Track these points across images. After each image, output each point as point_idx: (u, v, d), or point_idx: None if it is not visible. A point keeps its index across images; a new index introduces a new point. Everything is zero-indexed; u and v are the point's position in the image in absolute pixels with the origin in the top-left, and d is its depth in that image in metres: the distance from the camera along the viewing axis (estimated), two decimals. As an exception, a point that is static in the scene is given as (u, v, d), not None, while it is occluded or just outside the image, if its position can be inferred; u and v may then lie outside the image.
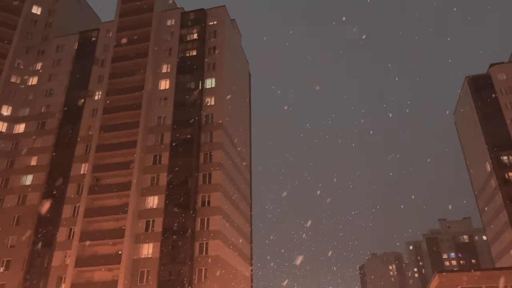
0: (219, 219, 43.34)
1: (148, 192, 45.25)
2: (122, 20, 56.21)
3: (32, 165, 50.19)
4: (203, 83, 51.08)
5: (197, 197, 44.47)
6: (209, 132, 48.22)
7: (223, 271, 41.87)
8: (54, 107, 53.35)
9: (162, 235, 42.24)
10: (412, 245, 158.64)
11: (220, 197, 44.50)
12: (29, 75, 56.63)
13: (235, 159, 51.58)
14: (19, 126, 53.41)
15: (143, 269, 41.30)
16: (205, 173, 45.86)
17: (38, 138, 51.88)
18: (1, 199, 48.67)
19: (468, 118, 62.01)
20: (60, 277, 42.49)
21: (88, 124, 50.85)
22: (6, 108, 53.69)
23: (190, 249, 41.36)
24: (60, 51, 57.82)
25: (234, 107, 54.70)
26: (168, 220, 42.99)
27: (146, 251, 42.26)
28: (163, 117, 49.51)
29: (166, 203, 43.93)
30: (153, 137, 48.62)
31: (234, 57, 58.15)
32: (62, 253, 43.59)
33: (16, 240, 46.00)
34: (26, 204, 47.70)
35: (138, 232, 43.17)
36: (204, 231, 42.80)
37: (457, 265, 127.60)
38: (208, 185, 45.14)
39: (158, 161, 46.95)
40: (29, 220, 46.48)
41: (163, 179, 45.54)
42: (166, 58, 53.33)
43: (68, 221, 45.19)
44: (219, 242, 42.31)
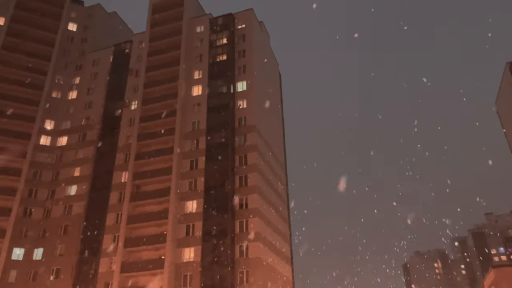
0: (258, 221, 43.42)
1: (186, 197, 45.99)
2: (153, 30, 57.59)
3: (76, 175, 52.21)
4: (235, 87, 51.47)
5: (234, 200, 44.78)
6: (243, 134, 48.48)
7: (264, 273, 41.90)
8: (94, 119, 55.32)
9: (202, 239, 42.80)
10: (458, 241, 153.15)
11: (257, 198, 44.61)
12: (69, 89, 58.99)
13: (270, 160, 51.57)
14: (62, 139, 55.71)
15: (186, 273, 41.96)
16: (241, 176, 46.13)
17: (80, 149, 53.93)
18: (49, 210, 50.88)
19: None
20: (107, 283, 43.87)
21: (126, 134, 52.34)
22: (49, 123, 56.14)
23: (231, 252, 41.65)
24: (96, 64, 59.94)
25: (266, 108, 54.75)
26: (207, 223, 43.51)
27: (188, 255, 42.93)
28: (198, 123, 50.26)
29: (204, 207, 44.49)
30: (188, 142, 49.45)
31: (264, 59, 58.26)
32: (108, 260, 45.00)
33: (65, 248, 47.94)
34: (72, 213, 49.65)
35: (179, 236, 43.94)
36: (243, 233, 43.00)
37: (507, 260, 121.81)
38: (244, 188, 45.36)
39: (194, 166, 47.66)
40: (76, 229, 48.33)
41: (200, 183, 46.18)
42: (197, 64, 54.16)
43: (112, 228, 46.62)
44: (259, 244, 42.38)
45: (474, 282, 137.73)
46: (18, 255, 47.84)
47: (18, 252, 47.96)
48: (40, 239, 49.13)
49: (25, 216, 49.89)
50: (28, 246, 48.36)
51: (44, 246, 48.48)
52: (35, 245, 48.68)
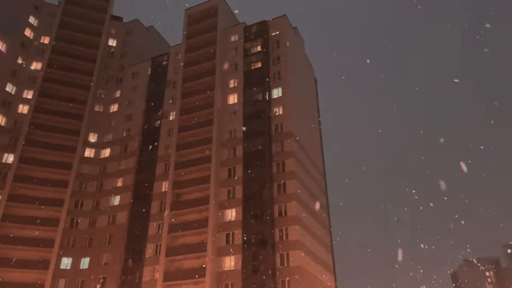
0: (298, 229, 42.75)
1: (225, 205, 46.08)
2: (189, 41, 58.67)
3: (119, 186, 53.71)
4: (270, 94, 51.34)
5: (273, 208, 44.38)
6: (280, 141, 48.13)
7: (306, 281, 41.08)
8: (134, 131, 56.85)
9: (242, 247, 42.61)
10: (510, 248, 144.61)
11: (296, 206, 43.97)
12: (110, 103, 61.05)
13: (308, 166, 50.85)
14: (105, 151, 57.58)
15: (227, 281, 41.87)
16: (279, 183, 45.72)
17: (122, 160, 55.49)
18: (94, 220, 52.53)
19: None
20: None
21: (166, 144, 53.35)
22: (92, 136, 58.24)
23: (272, 261, 41.19)
24: (135, 77, 61.75)
25: (302, 114, 54.24)
26: (247, 232, 43.33)
27: (229, 264, 42.84)
28: (234, 131, 50.44)
29: (243, 215, 44.39)
30: (226, 151, 49.68)
31: (299, 65, 57.87)
32: (151, 268, 45.73)
33: (110, 257, 49.21)
34: (116, 223, 51.00)
35: (219, 245, 43.99)
36: (283, 241, 42.44)
37: None
38: (283, 195, 44.88)
39: (232, 174, 47.75)
40: (120, 238, 49.56)
41: (238, 191, 46.16)
42: (232, 73, 54.55)
43: (154, 237, 47.41)
44: (300, 252, 41.65)
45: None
46: (66, 264, 49.58)
47: (66, 261, 49.72)
48: (86, 248, 50.74)
49: (72, 226, 51.73)
50: (75, 256, 50.06)
51: (90, 256, 50.01)
52: (82, 255, 50.31)
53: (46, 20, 62.50)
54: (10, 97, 55.25)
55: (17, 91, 56.21)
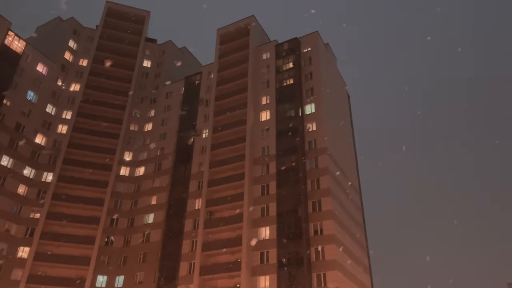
0: (335, 248, 41.29)
1: (259, 223, 45.28)
2: (222, 60, 59.28)
3: (153, 204, 54.04)
4: (303, 110, 50.75)
5: (308, 226, 43.19)
6: (314, 158, 47.19)
7: (344, 303, 39.35)
8: (168, 149, 57.42)
9: (277, 266, 41.48)
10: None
11: (333, 224, 42.60)
12: (145, 122, 62.18)
13: (343, 183, 49.51)
14: (139, 169, 58.34)
15: (262, 302, 40.71)
16: (314, 201, 44.56)
17: (156, 178, 55.99)
18: (129, 238, 52.86)
19: None
20: (185, 311, 43.86)
21: (199, 161, 53.45)
22: (128, 154, 59.24)
23: (308, 281, 39.79)
24: (169, 97, 62.79)
25: (336, 130, 53.20)
26: (282, 251, 42.22)
27: (264, 284, 41.74)
28: (267, 147, 49.96)
29: (278, 233, 43.39)
30: (259, 168, 49.15)
31: (331, 80, 57.15)
32: (184, 287, 45.16)
33: (144, 276, 49.14)
34: (150, 241, 51.08)
35: (253, 264, 43.06)
36: (319, 261, 41.04)
37: None
38: (318, 213, 43.66)
39: (266, 191, 47.05)
40: (154, 256, 49.51)
41: (272, 209, 45.32)
42: (264, 90, 54.45)
43: (188, 255, 47.00)
44: (337, 272, 40.09)
45: None
46: (102, 282, 49.87)
47: (101, 279, 50.03)
48: (121, 266, 50.95)
49: (107, 244, 52.23)
50: (110, 274, 50.33)
51: (125, 274, 50.14)
52: (117, 273, 50.53)
53: (85, 43, 64.92)
54: (50, 118, 57.20)
55: (56, 112, 58.16)
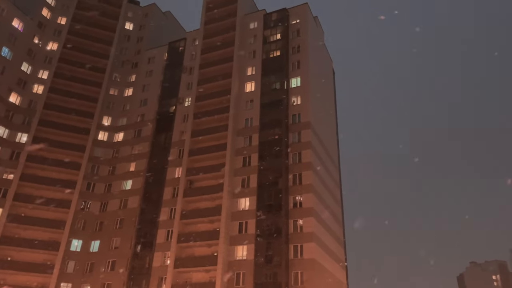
0: (313, 221, 41.92)
1: (239, 194, 45.34)
2: (207, 27, 57.70)
3: (131, 170, 53.21)
4: (288, 83, 50.30)
5: (288, 198, 43.57)
6: (297, 132, 47.18)
7: (318, 274, 40.31)
8: (149, 116, 56.19)
9: (255, 237, 41.90)
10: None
11: (312, 198, 43.10)
12: (125, 87, 60.44)
13: (324, 158, 49.89)
14: (118, 135, 57.06)
15: (239, 271, 41.21)
16: (295, 174, 44.81)
17: (135, 145, 54.97)
18: (106, 204, 52.16)
19: None
20: (161, 277, 44.06)
21: (180, 130, 52.64)
22: (106, 119, 57.71)
23: (285, 252, 40.44)
24: (151, 62, 60.99)
25: (320, 105, 53.19)
26: (260, 222, 42.58)
27: (241, 253, 42.19)
28: (250, 119, 49.55)
29: (257, 204, 43.62)
30: (241, 139, 48.85)
31: (318, 55, 56.70)
32: (161, 254, 45.25)
33: (120, 242, 48.82)
34: (128, 207, 50.56)
35: (232, 234, 43.33)
36: (297, 233, 41.67)
37: None
38: (299, 186, 44.02)
39: (247, 163, 46.94)
40: (131, 222, 49.12)
41: (253, 180, 45.37)
42: (250, 60, 53.55)
43: (166, 223, 46.87)
44: (314, 245, 40.85)
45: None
46: (76, 247, 49.34)
47: (76, 243, 49.46)
48: (97, 232, 50.42)
49: (83, 209, 51.41)
50: (85, 238, 49.80)
51: (101, 239, 49.68)
52: (92, 238, 50.02)
53: (64, 0, 61.77)
54: (25, 76, 54.76)
55: (32, 71, 55.68)
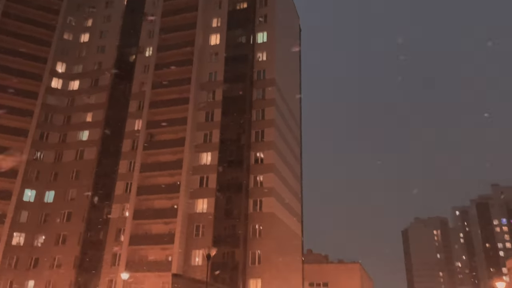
0: (273, 177, 42.81)
1: (201, 149, 45.21)
2: (171, -28, 54.46)
3: (88, 121, 51.24)
4: (255, 38, 49.29)
5: (250, 154, 44.00)
6: (261, 88, 46.95)
7: (276, 228, 41.77)
8: (106, 64, 53.49)
9: (216, 191, 42.36)
10: (459, 210, 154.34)
11: (273, 154, 43.76)
12: (81, 32, 56.78)
13: (286, 116, 50.29)
14: (74, 83, 54.23)
15: (198, 223, 41.88)
16: (258, 131, 45.10)
17: (92, 94, 52.56)
18: (61, 154, 50.36)
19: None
20: (119, 228, 43.99)
21: (140, 81, 50.77)
22: (60, 65, 54.48)
23: (244, 206, 41.34)
24: (109, 7, 57.27)
25: (285, 62, 52.85)
26: (221, 176, 42.95)
27: (201, 207, 42.69)
28: (214, 73, 48.54)
29: (219, 159, 43.78)
30: (204, 93, 47.99)
31: (286, 11, 55.58)
32: (120, 206, 44.91)
33: (76, 193, 47.76)
34: (84, 158, 49.11)
35: (192, 187, 43.52)
36: (257, 188, 42.54)
37: (508, 232, 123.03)
38: (260, 143, 44.43)
39: (210, 118, 46.49)
40: (88, 174, 47.90)
41: (215, 136, 45.21)
42: (216, 11, 51.64)
43: (125, 175, 46.18)
44: (273, 199, 41.98)
45: (472, 250, 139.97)
46: (30, 197, 47.78)
47: (29, 193, 47.87)
48: (52, 182, 48.93)
49: (37, 159, 49.43)
50: (39, 189, 48.23)
51: (56, 190, 48.37)
52: (47, 188, 48.57)
53: None
54: (-32, 13, 50.03)
55: (-24, 8, 50.92)
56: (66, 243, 45.33)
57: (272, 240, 40.49)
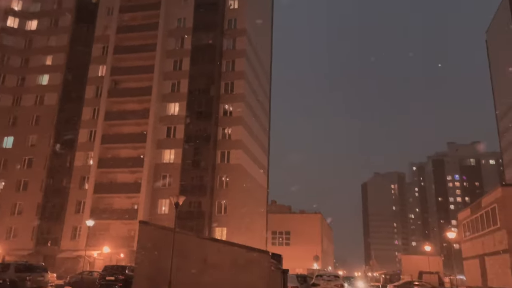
0: (241, 130, 42.86)
1: (169, 98, 44.28)
2: None
3: (48, 64, 48.67)
4: (226, -16, 47.21)
5: (219, 106, 43.57)
6: (232, 38, 45.72)
7: (243, 179, 42.43)
8: (67, 3, 50.14)
9: (184, 142, 42.10)
10: (416, 166, 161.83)
11: (243, 107, 43.54)
12: (38, -34, 52.32)
13: (257, 69, 49.65)
14: (31, 22, 50.76)
15: (165, 173, 41.85)
16: (227, 82, 44.43)
17: (51, 36, 49.62)
18: (19, 98, 47.98)
19: (504, 34, 58.40)
20: (83, 176, 43.34)
21: (104, 24, 48.12)
22: (16, 3, 50.56)
23: (212, 157, 41.48)
24: None
25: (257, 12, 51.33)
26: (189, 127, 42.54)
27: (168, 157, 42.49)
28: (184, 19, 46.62)
29: (187, 110, 43.14)
30: (173, 41, 46.26)
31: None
32: (84, 154, 43.97)
33: (37, 139, 46.18)
34: (45, 104, 47.10)
35: (159, 138, 43.02)
36: (225, 140, 42.58)
37: (460, 187, 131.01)
38: (230, 95, 43.95)
39: (178, 67, 45.20)
40: (49, 120, 46.16)
41: (184, 85, 44.23)
42: (187, -48, 48.65)
43: (88, 123, 44.87)
44: (241, 151, 42.28)
45: (425, 204, 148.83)
46: (-14, 142, 45.85)
47: (-14, 138, 45.89)
48: (10, 127, 46.97)
49: (-8, 102, 46.95)
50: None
51: (15, 135, 46.55)
52: (5, 133, 46.67)
53: None
54: None
55: None
56: (28, 189, 44.34)
57: (238, 191, 41.24)
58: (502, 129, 60.08)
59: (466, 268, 25.23)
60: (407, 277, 35.99)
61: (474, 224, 22.66)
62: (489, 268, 20.29)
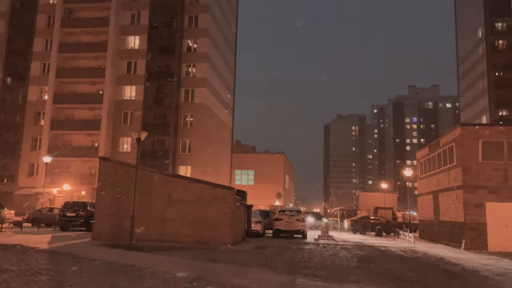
0: (206, 67, 41.45)
1: (128, 31, 41.73)
2: None
3: (-9, -12, 43.98)
4: None
5: (182, 42, 41.58)
6: (196, -33, 42.70)
7: (208, 118, 41.77)
8: None
9: (145, 78, 40.38)
10: (377, 109, 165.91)
11: (207, 43, 41.78)
12: None
13: (223, 3, 47.17)
14: None
15: (126, 111, 40.46)
16: (191, 16, 42.18)
17: (-7, -45, 44.36)
18: (-40, 25, 43.65)
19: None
20: (38, 112, 41.21)
21: None
22: None
23: (176, 95, 40.26)
24: None
25: None
26: (151, 63, 40.67)
27: (129, 94, 40.88)
28: None
29: (148, 44, 40.96)
30: (132, -33, 42.65)
31: None
32: (37, 89, 41.47)
33: (-16, 71, 42.79)
34: (-10, 33, 43.19)
35: (119, 73, 40.98)
36: (190, 78, 41.21)
37: (417, 129, 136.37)
38: (194, 29, 41.89)
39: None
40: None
41: (144, 17, 41.64)
42: None
43: (41, 55, 41.87)
44: (205, 90, 41.20)
45: (384, 145, 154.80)
46: None
47: None
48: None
49: None
50: None
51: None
52: None
53: None
54: None
55: None
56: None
57: (203, 130, 40.72)
58: (461, 73, 61.59)
59: (419, 204, 26.67)
60: (364, 213, 37.93)
61: (431, 162, 23.59)
62: (441, 204, 21.47)
